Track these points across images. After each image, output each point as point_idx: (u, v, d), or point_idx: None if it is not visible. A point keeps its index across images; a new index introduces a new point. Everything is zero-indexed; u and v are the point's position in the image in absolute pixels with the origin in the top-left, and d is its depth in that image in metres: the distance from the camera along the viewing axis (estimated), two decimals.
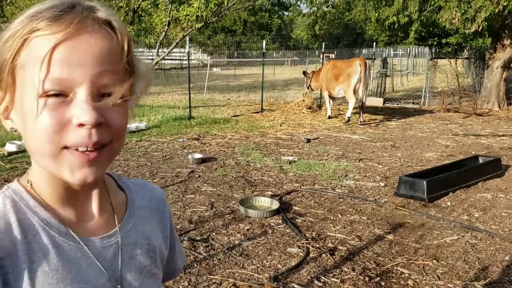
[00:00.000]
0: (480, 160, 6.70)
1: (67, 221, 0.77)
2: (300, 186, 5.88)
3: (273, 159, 7.26)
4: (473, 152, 7.83)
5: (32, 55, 0.67)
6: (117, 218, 0.84)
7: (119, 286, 0.80)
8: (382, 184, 6.04)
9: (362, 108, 11.09)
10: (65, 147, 0.68)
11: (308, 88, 12.80)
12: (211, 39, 47.34)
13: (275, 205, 4.98)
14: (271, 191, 5.66)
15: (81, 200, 0.79)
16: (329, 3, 16.45)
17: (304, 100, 12.77)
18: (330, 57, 17.42)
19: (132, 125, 9.26)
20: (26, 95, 0.68)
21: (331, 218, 4.80)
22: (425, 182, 5.35)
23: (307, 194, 5.59)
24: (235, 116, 12.01)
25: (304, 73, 13.00)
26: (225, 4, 12.71)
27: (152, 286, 0.87)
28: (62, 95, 0.67)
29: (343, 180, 6.21)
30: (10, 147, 7.12)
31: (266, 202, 5.11)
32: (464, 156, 7.38)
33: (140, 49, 24.06)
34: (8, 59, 0.68)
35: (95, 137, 0.68)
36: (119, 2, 12.44)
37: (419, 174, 5.86)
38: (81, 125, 0.67)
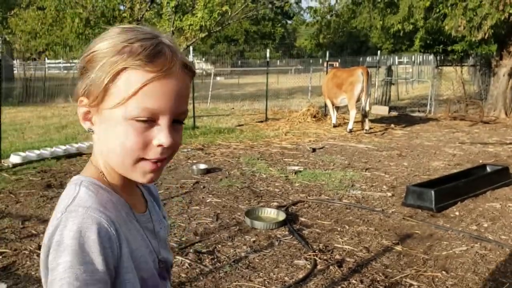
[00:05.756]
0: (488, 169, 6.64)
1: (128, 203, 1.00)
2: (307, 197, 5.83)
3: (278, 169, 7.21)
4: (481, 161, 7.76)
5: (127, 83, 0.86)
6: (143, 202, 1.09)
7: (157, 257, 1.02)
8: (389, 194, 5.98)
9: (366, 116, 11.02)
10: (143, 159, 0.90)
11: None
12: (214, 48, 47.47)
13: (281, 216, 4.92)
14: (277, 202, 5.62)
15: (133, 189, 1.05)
16: (333, 12, 16.42)
17: (309, 109, 12.73)
18: (334, 65, 17.32)
19: None
20: (116, 113, 0.87)
21: (338, 229, 4.74)
22: (433, 192, 5.29)
23: (314, 204, 5.54)
24: (239, 125, 11.99)
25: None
26: (229, 14, 12.75)
27: (171, 259, 1.11)
28: (148, 121, 0.87)
29: (350, 190, 6.16)
30: (15, 159, 7.09)
31: (272, 213, 5.06)
32: (472, 165, 7.31)
33: None
34: (105, 79, 0.86)
35: (166, 154, 0.91)
36: (123, 13, 12.53)
37: (427, 183, 5.80)
38: (160, 145, 0.89)
